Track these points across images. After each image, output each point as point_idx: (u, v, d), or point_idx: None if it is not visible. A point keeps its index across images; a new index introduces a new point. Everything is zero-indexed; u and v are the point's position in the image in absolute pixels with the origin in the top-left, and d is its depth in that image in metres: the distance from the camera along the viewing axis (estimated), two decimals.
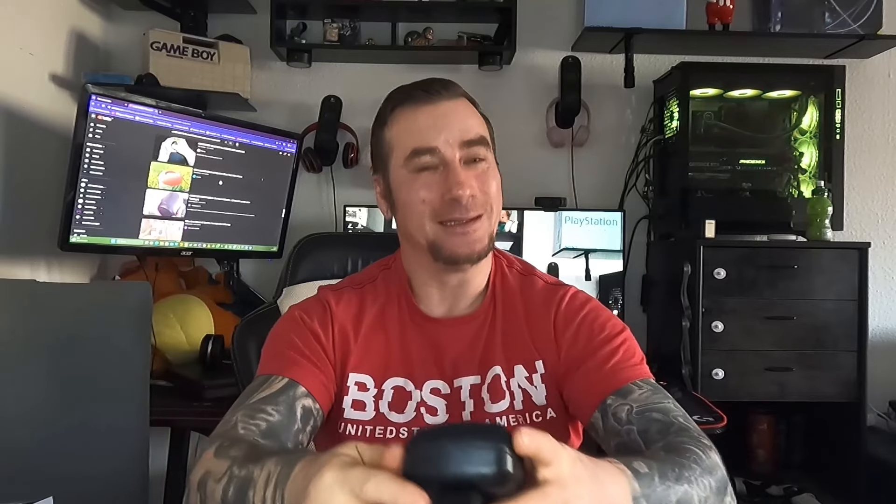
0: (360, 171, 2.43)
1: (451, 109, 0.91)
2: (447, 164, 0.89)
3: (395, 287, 1.00)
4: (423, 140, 0.89)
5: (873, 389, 2.08)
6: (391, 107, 0.94)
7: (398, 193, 0.93)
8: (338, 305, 0.98)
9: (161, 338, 1.86)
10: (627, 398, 0.86)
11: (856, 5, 2.27)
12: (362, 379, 0.95)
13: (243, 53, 2.33)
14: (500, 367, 0.95)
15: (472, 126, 0.92)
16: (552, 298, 0.98)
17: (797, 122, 2.26)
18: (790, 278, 2.02)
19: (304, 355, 0.91)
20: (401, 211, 0.94)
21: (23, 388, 1.32)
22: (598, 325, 0.94)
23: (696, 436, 0.80)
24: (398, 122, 0.93)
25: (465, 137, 0.90)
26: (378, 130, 0.96)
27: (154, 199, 1.90)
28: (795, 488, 2.10)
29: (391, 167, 0.94)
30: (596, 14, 2.25)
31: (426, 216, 0.90)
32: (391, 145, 0.93)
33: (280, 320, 1.00)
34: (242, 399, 0.87)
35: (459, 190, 0.87)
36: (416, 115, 0.91)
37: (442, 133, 0.89)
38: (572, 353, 0.93)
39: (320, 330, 0.95)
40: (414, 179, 0.90)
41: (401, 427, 0.93)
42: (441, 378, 0.95)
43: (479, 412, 0.93)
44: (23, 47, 1.89)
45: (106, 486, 1.33)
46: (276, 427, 0.82)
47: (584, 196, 2.42)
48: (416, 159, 0.90)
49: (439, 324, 0.97)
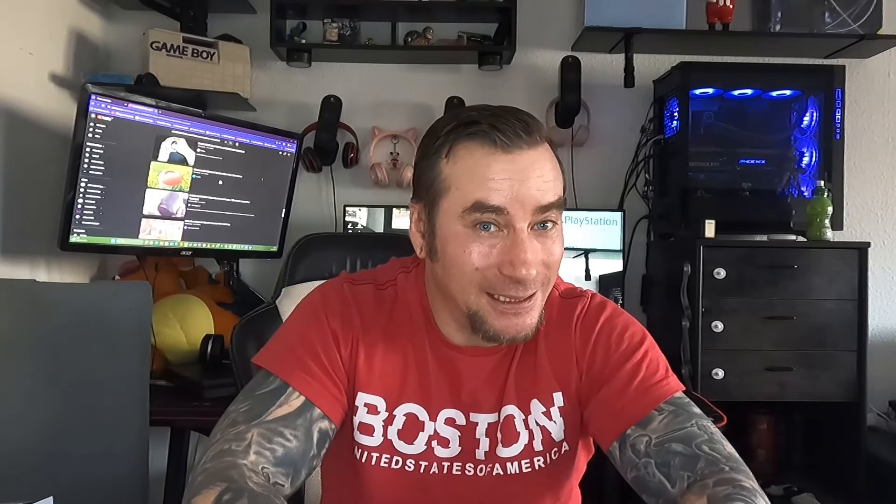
0: (360, 171, 2.43)
1: (531, 163, 0.78)
2: (513, 231, 0.78)
3: (413, 300, 0.92)
4: (493, 196, 0.77)
5: (873, 389, 2.08)
6: (456, 137, 0.80)
7: (444, 244, 0.81)
8: (360, 308, 0.91)
9: (161, 338, 1.86)
10: (647, 428, 0.81)
11: (856, 5, 2.27)
12: (373, 400, 0.89)
13: (243, 53, 2.33)
14: (515, 406, 0.89)
15: (551, 186, 0.79)
16: (571, 314, 0.92)
17: (797, 122, 2.26)
18: (790, 278, 2.02)
19: (322, 365, 0.86)
20: (443, 264, 0.83)
21: (23, 388, 1.32)
22: (614, 340, 0.89)
23: (730, 470, 0.76)
24: (463, 160, 0.79)
25: (541, 202, 0.78)
26: (432, 156, 0.82)
27: (154, 199, 1.90)
28: (795, 488, 2.10)
29: (441, 207, 0.81)
30: (596, 14, 2.25)
31: (475, 285, 0.80)
32: (448, 183, 0.80)
33: (303, 307, 0.92)
34: (254, 404, 0.82)
35: (524, 269, 0.77)
36: (488, 162, 0.77)
37: (517, 193, 0.77)
38: (592, 372, 0.88)
39: (340, 334, 0.88)
40: (470, 237, 0.79)
41: (408, 459, 0.88)
42: (457, 407, 0.89)
43: (492, 454, 0.89)
44: (23, 47, 1.89)
45: (106, 486, 1.33)
46: (292, 454, 0.79)
47: (584, 196, 2.41)
48: (478, 214, 0.77)
49: (460, 352, 0.90)
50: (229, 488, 0.69)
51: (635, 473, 0.81)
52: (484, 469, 0.89)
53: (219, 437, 0.79)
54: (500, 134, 0.77)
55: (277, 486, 0.78)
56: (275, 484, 0.77)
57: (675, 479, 0.77)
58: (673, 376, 0.88)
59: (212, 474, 0.73)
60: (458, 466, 0.89)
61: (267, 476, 0.77)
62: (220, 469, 0.74)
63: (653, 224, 2.43)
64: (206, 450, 0.79)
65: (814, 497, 2.05)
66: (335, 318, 0.89)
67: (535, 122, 0.81)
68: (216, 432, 0.80)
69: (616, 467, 0.85)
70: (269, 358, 0.88)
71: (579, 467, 0.97)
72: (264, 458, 0.77)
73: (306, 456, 0.81)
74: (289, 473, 0.79)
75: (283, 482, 0.79)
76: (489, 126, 0.78)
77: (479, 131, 0.78)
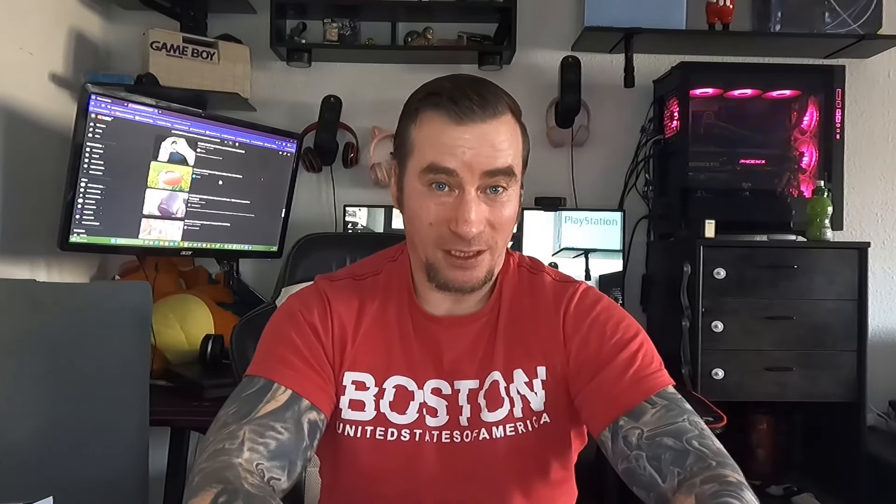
0: (360, 171, 2.43)
1: (482, 134, 0.84)
2: (462, 193, 0.84)
3: (397, 282, 0.97)
4: (443, 158, 0.84)
5: (873, 389, 2.08)
6: (422, 106, 0.87)
7: (409, 199, 0.89)
8: (336, 300, 0.95)
9: (161, 337, 1.86)
10: (639, 420, 0.84)
11: (856, 5, 2.27)
12: (360, 377, 0.92)
13: (243, 53, 2.33)
14: (500, 373, 0.93)
15: (501, 154, 0.85)
16: (561, 297, 0.95)
17: (797, 122, 2.26)
18: (790, 278, 2.02)
19: (305, 359, 0.89)
20: (408, 217, 0.91)
21: (22, 388, 1.32)
22: (610, 328, 0.91)
23: (717, 465, 0.78)
24: (424, 127, 0.86)
25: (488, 167, 0.84)
26: (405, 120, 0.90)
27: (154, 199, 1.90)
28: (795, 488, 2.10)
29: (408, 167, 0.89)
30: (596, 14, 2.25)
31: (431, 239, 0.87)
32: (413, 146, 0.88)
33: (278, 313, 0.96)
34: (242, 404, 0.84)
35: (465, 227, 0.83)
36: (442, 129, 0.84)
37: (465, 157, 0.83)
38: (583, 359, 0.91)
39: (320, 326, 0.92)
40: (425, 195, 0.86)
41: (402, 428, 0.91)
42: (441, 377, 0.93)
43: (475, 419, 0.92)
44: (22, 47, 1.89)
45: (106, 486, 1.33)
46: (285, 446, 0.81)
47: (583, 196, 2.42)
48: (431, 175, 0.85)
49: (439, 323, 0.95)
50: (225, 490, 0.70)
51: (626, 465, 0.83)
52: (470, 435, 0.91)
53: (211, 439, 0.81)
54: (457, 107, 0.84)
55: (273, 480, 0.79)
56: (270, 480, 0.79)
57: (665, 473, 0.80)
58: (665, 371, 0.90)
59: (207, 475, 0.74)
60: (447, 434, 0.92)
61: (262, 473, 0.78)
62: (216, 469, 0.75)
63: (653, 224, 2.43)
64: (200, 453, 0.80)
65: (814, 497, 2.05)
66: (312, 313, 0.93)
67: (494, 98, 0.86)
68: (209, 436, 0.82)
69: (607, 457, 0.87)
70: (253, 365, 0.91)
71: (568, 447, 0.98)
72: (258, 454, 0.79)
73: (299, 447, 0.83)
74: (284, 466, 0.81)
75: (280, 476, 0.80)
76: (448, 99, 0.85)
77: (440, 103, 0.85)
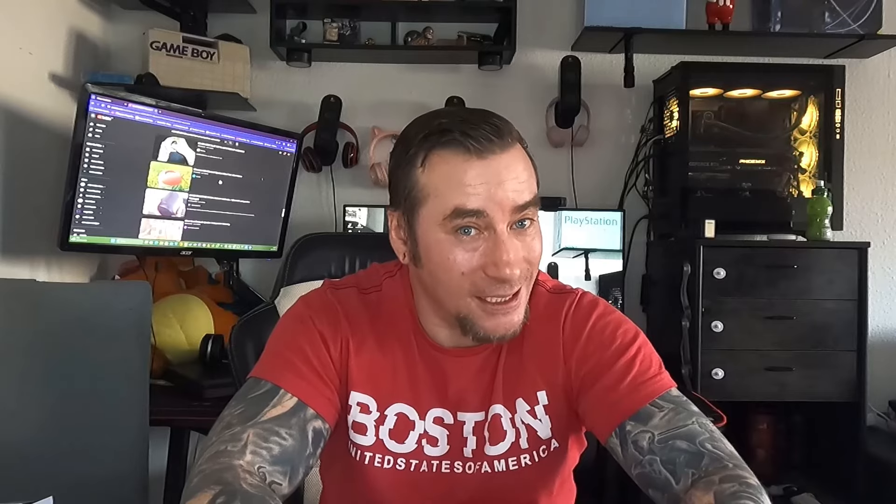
0: (360, 171, 2.43)
1: (504, 166, 0.79)
2: (494, 233, 0.79)
3: (400, 304, 0.93)
4: (471, 200, 0.78)
5: (873, 389, 2.09)
6: (430, 145, 0.81)
7: (428, 251, 0.83)
8: (345, 310, 0.92)
9: (161, 337, 1.86)
10: (648, 424, 0.82)
11: (856, 5, 2.27)
12: (364, 400, 0.90)
13: (243, 53, 2.33)
14: (502, 405, 0.90)
15: (525, 186, 0.81)
16: (558, 311, 0.93)
17: (797, 122, 2.26)
18: (790, 278, 2.02)
19: (312, 367, 0.87)
20: (429, 271, 0.84)
21: (22, 388, 1.32)
22: (608, 335, 0.90)
23: (734, 467, 0.77)
24: (437, 169, 0.80)
25: (517, 202, 0.80)
26: (406, 165, 0.83)
27: (154, 199, 1.90)
28: (795, 488, 2.10)
29: (421, 216, 0.82)
30: (596, 14, 2.25)
31: (464, 289, 0.81)
32: (426, 192, 0.81)
33: (289, 316, 0.94)
34: (248, 406, 0.83)
35: (508, 269, 0.78)
36: (463, 168, 0.78)
37: (494, 195, 0.78)
38: (584, 370, 0.89)
39: (329, 336, 0.89)
40: (452, 243, 0.80)
41: (399, 458, 0.90)
42: (444, 407, 0.91)
43: (480, 452, 0.90)
44: (22, 47, 1.89)
45: (106, 486, 1.33)
46: (288, 452, 0.80)
47: (583, 196, 2.42)
48: (459, 220, 0.79)
49: (445, 354, 0.91)
50: (223, 491, 0.70)
51: (640, 470, 0.82)
52: (473, 467, 0.90)
53: (214, 439, 0.80)
54: (473, 140, 0.79)
55: (274, 485, 0.78)
56: (272, 483, 0.78)
57: (680, 475, 0.79)
58: (666, 373, 0.89)
59: (206, 476, 0.73)
60: (448, 465, 0.90)
61: (263, 476, 0.77)
62: (215, 471, 0.74)
63: (653, 224, 2.43)
64: (202, 453, 0.79)
65: (813, 497, 2.05)
66: (322, 321, 0.90)
67: (505, 125, 0.82)
68: (211, 435, 0.81)
69: (618, 462, 0.86)
70: (260, 367, 0.89)
71: (571, 460, 0.98)
72: (261, 458, 0.78)
73: (302, 454, 0.82)
74: (286, 472, 0.80)
75: (281, 481, 0.79)
76: (461, 133, 0.79)
77: (453, 139, 0.79)
